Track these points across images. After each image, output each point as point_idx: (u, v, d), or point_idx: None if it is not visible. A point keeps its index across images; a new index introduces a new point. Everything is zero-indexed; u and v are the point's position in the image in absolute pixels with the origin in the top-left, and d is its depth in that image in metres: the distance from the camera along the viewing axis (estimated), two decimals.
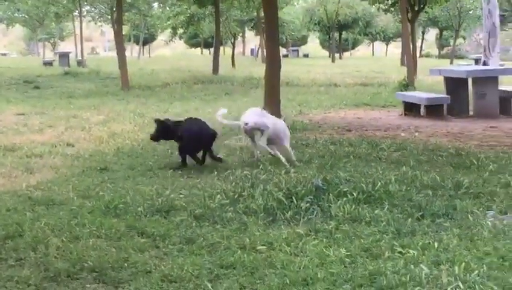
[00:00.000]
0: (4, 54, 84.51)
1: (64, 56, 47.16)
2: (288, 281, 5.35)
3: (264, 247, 6.27)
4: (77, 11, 52.24)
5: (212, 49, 43.51)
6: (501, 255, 5.83)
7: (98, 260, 5.95)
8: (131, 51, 77.51)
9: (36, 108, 18.69)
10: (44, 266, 5.91)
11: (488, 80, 16.82)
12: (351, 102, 20.48)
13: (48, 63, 46.08)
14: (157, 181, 9.18)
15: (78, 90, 25.05)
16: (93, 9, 54.17)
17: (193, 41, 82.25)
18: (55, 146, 12.24)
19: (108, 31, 76.72)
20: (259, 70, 21.56)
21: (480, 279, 5.24)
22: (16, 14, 63.74)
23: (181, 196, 8.13)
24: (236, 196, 7.90)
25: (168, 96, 22.52)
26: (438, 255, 5.87)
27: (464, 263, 5.54)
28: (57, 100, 21.25)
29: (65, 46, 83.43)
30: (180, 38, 73.36)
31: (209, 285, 5.35)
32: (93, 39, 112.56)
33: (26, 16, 64.08)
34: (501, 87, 17.22)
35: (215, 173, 9.48)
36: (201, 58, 62.52)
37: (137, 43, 73.89)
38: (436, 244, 6.14)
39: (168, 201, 7.83)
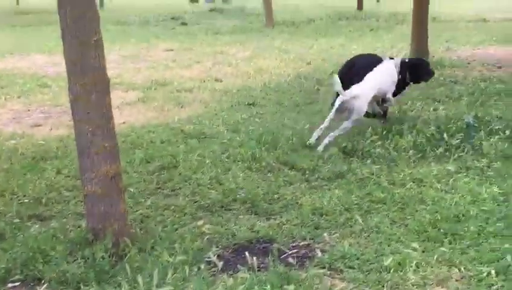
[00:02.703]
0: None
1: None
2: (439, 217, 5.33)
3: (414, 183, 6.25)
4: None
5: None
6: None
7: (250, 192, 6.10)
8: None
9: (184, 44, 19.02)
10: (199, 196, 6.11)
11: None
12: (502, 38, 19.77)
13: (194, 0, 46.73)
14: (305, 117, 9.24)
15: (224, 26, 25.26)
16: None
17: None
18: (204, 81, 12.50)
19: None
20: (405, 5, 21.09)
21: None
22: None
23: (329, 131, 8.14)
24: (385, 132, 7.86)
25: (312, 32, 22.42)
26: None
27: None
28: (203, 36, 21.53)
29: None
30: None
31: (360, 219, 5.39)
32: None
33: None
34: None
35: None
36: None
37: None
38: None
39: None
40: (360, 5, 32.58)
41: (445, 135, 7.51)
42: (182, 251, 4.77)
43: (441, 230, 5.13)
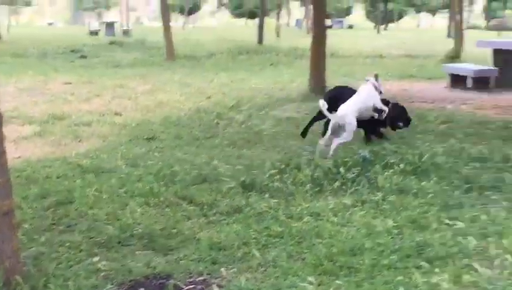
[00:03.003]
0: (50, 24, 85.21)
1: (110, 26, 47.40)
2: (335, 251, 5.38)
3: (311, 217, 6.31)
4: None
5: (256, 20, 43.35)
6: None
7: (148, 227, 6.04)
8: (176, 20, 77.62)
9: (83, 77, 18.86)
10: (95, 231, 6.02)
11: None
12: (397, 74, 20.33)
13: (94, 33, 46.40)
14: (204, 151, 9.26)
15: (124, 59, 25.17)
16: None
17: (238, 11, 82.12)
18: (103, 115, 12.39)
19: (153, 0, 76.80)
20: (304, 41, 21.49)
21: None
22: None
23: (228, 165, 8.18)
24: (283, 167, 7.93)
25: (213, 66, 22.56)
26: (485, 228, 5.85)
27: None
28: (103, 69, 21.40)
29: (110, 16, 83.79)
30: (225, 8, 73.31)
31: (257, 253, 5.40)
32: (138, 8, 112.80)
33: None
34: None
35: (262, 144, 9.54)
36: (246, 28, 62.41)
37: (182, 13, 73.92)
38: (484, 217, 6.12)
39: (216, 170, 7.90)
40: (260, 40, 32.95)
41: (341, 169, 7.63)
42: (75, 289, 4.68)
43: (337, 263, 5.17)
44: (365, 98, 9.48)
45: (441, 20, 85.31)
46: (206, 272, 5.13)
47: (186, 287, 4.88)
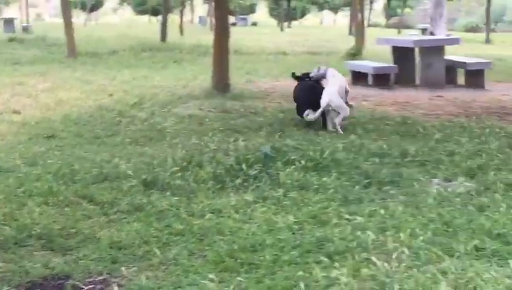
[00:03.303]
0: None
1: (9, 22, 46.27)
2: (236, 248, 5.40)
3: (213, 214, 6.31)
4: None
5: (160, 17, 43.04)
6: (445, 222, 5.95)
7: (46, 227, 5.94)
8: (78, 17, 76.43)
9: None
10: None
11: (434, 50, 16.96)
12: (300, 70, 20.46)
13: None
14: (105, 149, 9.15)
15: (24, 56, 24.63)
16: None
17: (141, 8, 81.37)
18: (1, 113, 12.09)
19: None
20: (208, 38, 21.39)
21: (425, 245, 5.35)
22: None
23: (129, 164, 8.11)
24: (185, 164, 7.91)
25: (115, 63, 22.29)
26: (384, 222, 5.97)
27: (409, 230, 5.65)
28: (1, 67, 20.87)
29: (9, 12, 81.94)
30: (128, 5, 72.70)
31: (158, 251, 5.37)
32: (39, 5, 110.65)
33: None
34: (447, 57, 17.41)
35: (164, 141, 9.50)
36: (149, 25, 61.96)
37: (84, 10, 72.85)
38: (382, 211, 6.24)
39: (117, 168, 7.82)
40: (163, 37, 32.74)
41: (243, 166, 7.66)
42: None
43: (238, 260, 5.19)
44: (340, 80, 11.15)
45: (343, 18, 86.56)
46: (106, 272, 5.08)
47: (86, 287, 4.81)
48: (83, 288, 4.78)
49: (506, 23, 71.98)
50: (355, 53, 24.11)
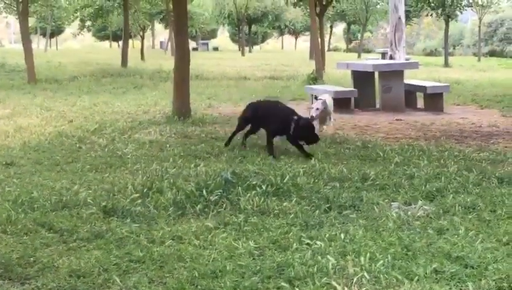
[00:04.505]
0: None
1: None
2: (197, 274, 5.38)
3: (174, 241, 6.28)
4: None
5: (121, 42, 43.01)
6: (405, 245, 5.98)
7: (4, 256, 5.86)
8: (38, 43, 76.02)
9: None
10: None
11: (393, 74, 17.15)
12: (261, 95, 20.55)
13: None
14: (65, 176, 9.07)
15: None
16: None
17: (102, 34, 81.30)
18: None
19: (14, 23, 75.15)
20: (169, 63, 21.43)
21: (385, 268, 5.38)
22: None
23: (89, 191, 8.05)
24: (145, 190, 7.88)
25: (76, 89, 22.19)
26: (344, 246, 5.98)
27: (369, 254, 5.67)
28: None
29: None
30: (89, 30, 72.53)
31: (118, 279, 5.33)
32: None
33: None
34: (406, 81, 17.60)
35: (125, 167, 9.45)
36: (110, 51, 61.87)
37: (44, 36, 72.51)
38: (342, 236, 6.26)
39: (76, 196, 7.76)
40: (124, 63, 32.71)
41: (204, 192, 7.65)
42: None
43: (199, 287, 5.17)
44: (329, 99, 13.12)
45: (304, 42, 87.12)
46: None
47: None
48: None
49: (464, 46, 72.97)
50: (316, 77, 24.26)
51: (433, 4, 46.25)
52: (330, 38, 75.42)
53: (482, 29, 56.98)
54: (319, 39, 29.95)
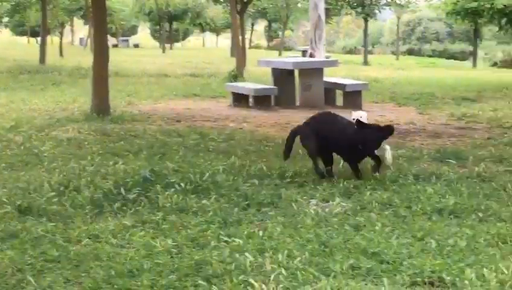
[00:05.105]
0: None
1: None
2: (113, 273, 5.32)
3: (90, 240, 6.20)
4: None
5: (39, 38, 42.29)
6: (322, 242, 6.03)
7: None
8: None
9: None
10: None
11: (313, 72, 17.31)
12: (181, 93, 20.49)
13: None
14: None
15: None
16: None
17: (19, 29, 79.74)
18: None
19: None
20: (88, 60, 21.09)
21: (302, 265, 5.42)
22: None
23: (4, 189, 7.89)
24: (62, 189, 7.77)
25: None
26: (262, 243, 6.00)
27: (287, 250, 5.71)
28: None
29: None
30: (6, 26, 71.17)
31: (32, 280, 5.23)
32: None
33: None
34: (326, 79, 17.77)
35: (41, 165, 9.30)
36: (28, 47, 60.80)
37: None
38: (261, 233, 6.27)
39: None
40: (42, 59, 32.19)
41: (122, 190, 7.59)
42: None
43: (115, 286, 5.11)
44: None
45: (225, 39, 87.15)
46: None
47: None
48: None
49: (383, 45, 74.17)
50: (237, 75, 24.29)
51: (352, 3, 46.82)
52: (251, 36, 75.66)
53: (400, 28, 57.99)
54: (240, 37, 29.97)
